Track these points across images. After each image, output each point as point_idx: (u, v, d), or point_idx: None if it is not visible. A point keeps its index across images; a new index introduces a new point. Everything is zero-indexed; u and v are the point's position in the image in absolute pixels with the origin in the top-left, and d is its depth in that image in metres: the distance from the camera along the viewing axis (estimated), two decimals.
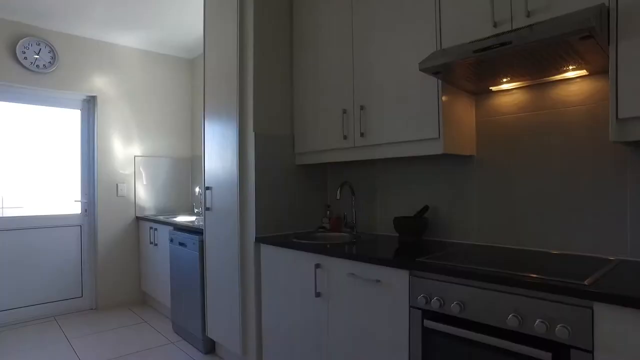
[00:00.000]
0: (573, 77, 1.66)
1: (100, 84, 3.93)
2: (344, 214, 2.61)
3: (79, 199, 3.92)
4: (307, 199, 2.61)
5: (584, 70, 1.58)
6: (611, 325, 1.08)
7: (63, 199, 3.84)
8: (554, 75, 1.65)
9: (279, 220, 2.44)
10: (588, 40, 1.27)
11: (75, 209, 3.90)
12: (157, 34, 3.80)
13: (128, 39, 3.94)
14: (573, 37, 1.25)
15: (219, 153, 2.59)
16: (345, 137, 2.19)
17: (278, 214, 2.44)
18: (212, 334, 2.70)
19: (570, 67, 1.55)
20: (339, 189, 2.28)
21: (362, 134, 2.10)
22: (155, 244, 3.71)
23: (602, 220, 1.59)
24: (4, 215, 3.49)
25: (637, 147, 1.50)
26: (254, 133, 2.35)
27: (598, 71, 1.57)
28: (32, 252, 3.60)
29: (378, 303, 1.67)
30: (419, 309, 1.52)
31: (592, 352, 1.11)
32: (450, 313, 1.42)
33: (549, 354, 1.16)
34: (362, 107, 2.09)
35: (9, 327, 3.40)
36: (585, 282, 1.16)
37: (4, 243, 3.46)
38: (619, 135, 1.30)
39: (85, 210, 3.93)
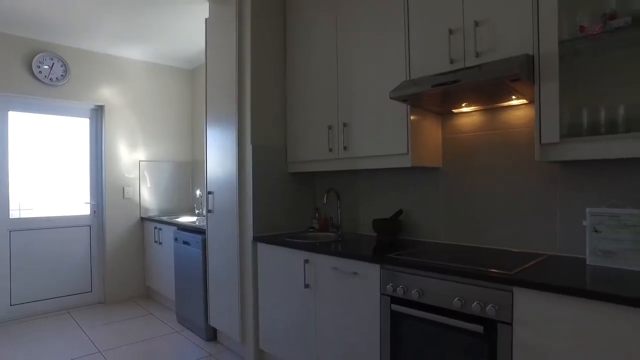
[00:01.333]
0: (517, 104, 2.00)
1: (107, 94, 4.24)
2: (331, 216, 2.94)
3: (88, 201, 4.23)
4: (298, 202, 2.95)
5: (525, 100, 1.92)
6: (525, 304, 1.42)
7: (73, 201, 4.14)
8: (501, 102, 1.99)
9: (274, 222, 2.78)
10: (516, 81, 1.61)
11: (85, 210, 4.21)
12: (159, 47, 4.11)
13: (133, 52, 4.24)
14: (504, 79, 1.59)
15: (220, 162, 2.92)
16: (330, 150, 2.52)
17: (273, 216, 2.77)
18: (213, 322, 3.03)
19: (513, 97, 1.89)
20: (325, 194, 2.62)
21: (345, 147, 2.43)
22: (160, 243, 4.03)
23: (538, 222, 1.93)
24: (20, 217, 3.79)
25: (563, 163, 1.85)
26: (251, 145, 2.67)
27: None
28: (46, 251, 3.91)
29: (356, 292, 2.00)
30: (388, 295, 1.85)
31: (511, 324, 1.45)
32: (412, 298, 1.75)
33: (481, 327, 1.50)
34: (345, 124, 2.43)
35: (27, 318, 3.71)
36: (512, 272, 1.50)
37: (20, 242, 3.77)
38: (542, 157, 1.64)
39: (94, 212, 4.24)
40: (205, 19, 3.13)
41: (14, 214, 3.75)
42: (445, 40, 1.94)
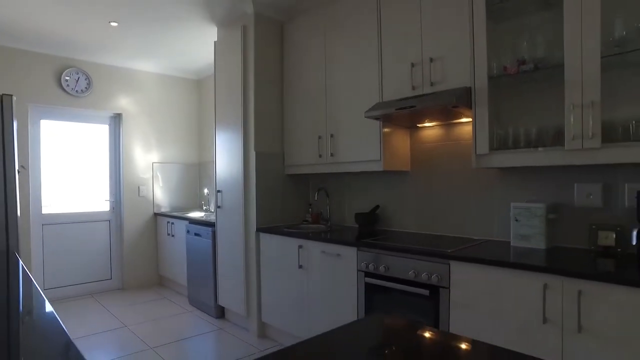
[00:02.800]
0: (466, 122, 2.53)
1: (125, 103, 4.76)
2: (321, 211, 3.47)
3: (108, 198, 4.75)
4: (294, 199, 3.48)
5: (470, 119, 2.45)
6: (458, 273, 1.95)
7: (95, 198, 4.66)
8: (454, 120, 2.52)
9: (274, 215, 3.31)
10: (457, 107, 2.14)
11: (105, 207, 4.73)
12: (171, 61, 4.62)
13: (147, 65, 4.76)
14: (447, 106, 2.12)
15: (227, 165, 3.45)
16: (320, 156, 3.05)
17: (273, 210, 3.30)
18: (222, 302, 3.56)
19: (462, 117, 2.42)
20: (317, 193, 3.15)
21: (332, 154, 2.96)
22: (172, 235, 4.56)
23: (480, 215, 2.46)
24: (51, 212, 4.31)
25: (499, 169, 2.38)
26: (255, 152, 3.20)
27: None
28: (72, 242, 4.43)
29: (338, 269, 2.53)
30: (362, 271, 2.39)
31: (449, 288, 1.98)
32: (380, 272, 2.29)
33: (427, 291, 2.04)
34: (332, 135, 2.96)
35: (58, 300, 4.23)
36: (449, 251, 2.03)
37: (51, 234, 4.29)
38: (477, 164, 2.17)
39: (113, 208, 4.77)
40: (214, 42, 3.65)
41: (45, 209, 4.28)
42: (408, 71, 2.47)
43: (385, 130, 2.65)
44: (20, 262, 1.87)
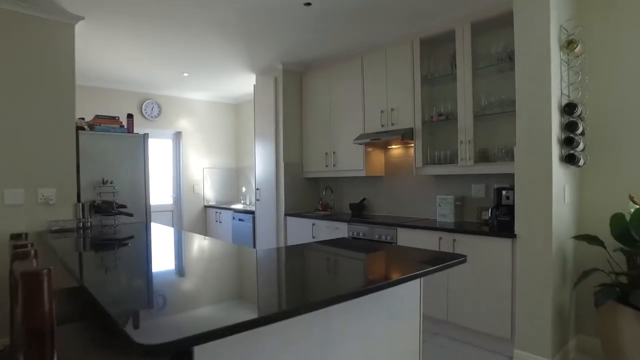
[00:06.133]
0: (412, 146, 4.05)
1: (184, 123, 6.40)
2: (327, 202, 5.03)
3: (171, 194, 6.40)
4: (309, 194, 5.04)
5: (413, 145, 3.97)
6: (401, 234, 3.49)
7: (162, 194, 6.31)
8: (407, 144, 4.05)
9: (296, 205, 4.87)
10: (404, 139, 3.68)
11: (169, 200, 6.38)
12: (217, 92, 6.24)
13: (201, 96, 6.40)
14: (398, 139, 3.66)
15: (264, 170, 5.04)
16: (326, 165, 4.61)
17: (295, 202, 4.87)
18: None
19: (410, 143, 3.95)
20: (324, 190, 4.71)
21: (334, 164, 4.52)
22: (220, 222, 6.18)
23: (424, 203, 3.98)
24: None
25: (434, 176, 3.89)
26: (283, 162, 4.78)
27: None
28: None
29: (336, 236, 4.09)
30: (351, 237, 3.93)
31: (396, 242, 3.52)
32: (360, 237, 3.83)
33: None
34: (334, 152, 4.52)
35: None
36: (398, 223, 3.57)
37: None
38: (416, 173, 3.69)
39: (175, 202, 6.42)
40: (254, 85, 5.24)
41: None
42: (379, 115, 4.01)
43: (368, 149, 4.20)
44: (152, 224, 3.47)
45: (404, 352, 1.99)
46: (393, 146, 4.24)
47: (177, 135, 6.45)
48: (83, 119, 3.74)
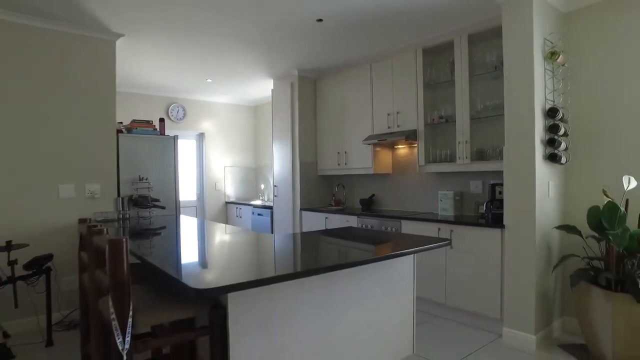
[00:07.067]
0: (416, 146, 4.40)
1: (206, 125, 6.87)
2: (340, 198, 5.41)
3: (195, 191, 6.88)
4: (323, 191, 5.43)
5: (417, 145, 4.32)
6: (404, 225, 3.85)
7: (187, 190, 6.80)
8: (412, 144, 4.40)
9: (310, 200, 5.27)
10: (408, 139, 4.03)
11: (193, 196, 6.86)
12: (237, 95, 6.69)
13: (222, 99, 6.86)
14: (403, 139, 4.02)
15: (281, 169, 5.45)
16: (339, 164, 5.00)
17: (310, 197, 5.27)
18: None
19: (415, 143, 4.30)
20: (336, 187, 5.10)
21: (345, 163, 4.90)
22: (240, 217, 6.62)
23: (428, 198, 4.33)
24: None
25: (435, 173, 4.23)
26: (299, 161, 5.18)
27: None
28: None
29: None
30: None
31: (400, 230, 3.88)
32: (368, 228, 4.20)
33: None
34: (345, 152, 4.90)
35: None
36: (401, 216, 3.93)
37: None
38: (419, 170, 4.05)
39: (198, 198, 6.90)
40: (272, 90, 5.66)
41: None
42: (386, 117, 4.37)
43: (376, 149, 4.56)
44: (181, 216, 3.92)
45: (399, 321, 2.37)
46: (399, 146, 4.60)
47: (201, 136, 6.93)
48: (121, 122, 4.22)
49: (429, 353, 2.85)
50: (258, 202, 6.54)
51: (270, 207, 5.72)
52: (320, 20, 3.56)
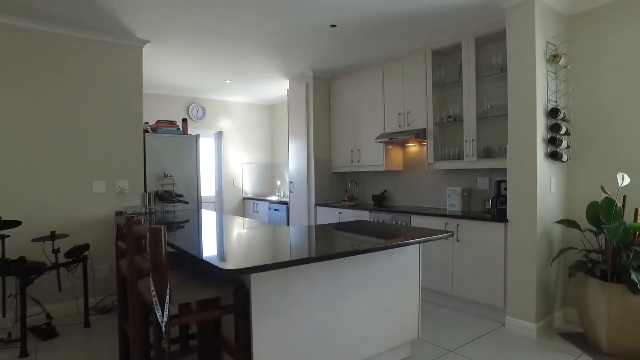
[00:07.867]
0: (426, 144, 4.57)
1: (224, 124, 7.15)
2: (353, 194, 5.62)
3: (214, 187, 7.17)
4: (337, 187, 5.65)
5: (426, 143, 4.49)
6: (414, 219, 4.04)
7: (206, 186, 7.09)
8: (421, 143, 4.57)
9: (325, 197, 5.49)
10: (418, 138, 4.21)
11: (212, 192, 7.15)
12: (254, 95, 6.94)
13: (240, 99, 7.12)
14: (413, 138, 4.20)
15: (297, 166, 5.68)
16: (352, 161, 5.20)
17: (324, 194, 5.49)
18: None
19: (425, 142, 4.47)
20: (350, 183, 5.31)
21: (359, 160, 5.10)
22: (257, 212, 6.89)
23: (437, 195, 4.50)
24: None
25: (444, 170, 4.40)
26: (314, 158, 5.41)
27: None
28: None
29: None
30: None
31: (410, 224, 4.07)
32: (380, 223, 4.40)
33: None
34: (358, 150, 5.10)
35: None
36: (411, 211, 4.12)
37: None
38: (429, 168, 4.23)
39: (217, 194, 7.19)
40: (287, 90, 5.89)
41: None
42: (397, 117, 4.56)
43: (388, 147, 4.76)
44: (202, 211, 4.18)
45: (405, 307, 2.58)
46: (410, 144, 4.78)
47: (219, 135, 7.21)
48: (147, 123, 4.50)
49: (434, 338, 3.05)
50: (274, 198, 6.79)
51: (286, 203, 5.96)
52: (334, 26, 3.77)
